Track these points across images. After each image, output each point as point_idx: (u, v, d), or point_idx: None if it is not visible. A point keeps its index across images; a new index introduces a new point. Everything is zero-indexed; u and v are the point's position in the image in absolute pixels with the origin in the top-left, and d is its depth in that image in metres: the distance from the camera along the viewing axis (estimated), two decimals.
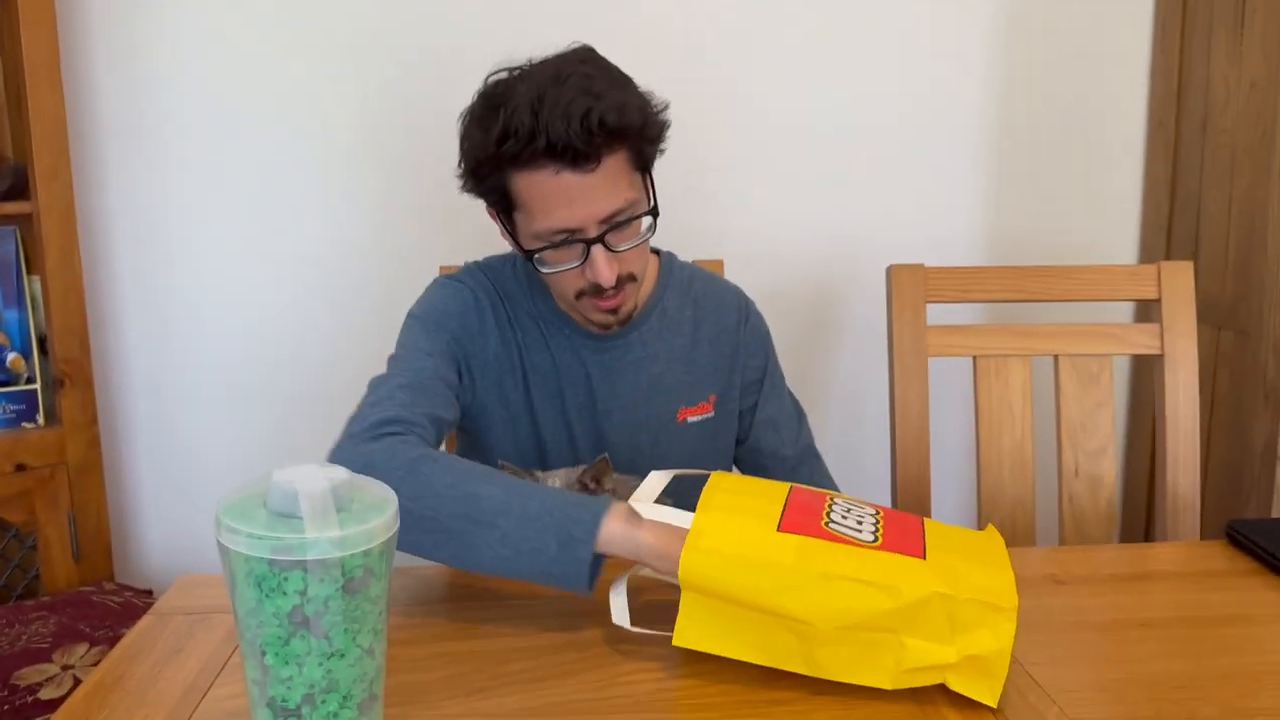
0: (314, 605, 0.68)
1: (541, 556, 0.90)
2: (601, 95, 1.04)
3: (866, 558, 0.83)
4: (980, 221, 2.01)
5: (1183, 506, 1.39)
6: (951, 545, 0.88)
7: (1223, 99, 1.79)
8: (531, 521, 0.91)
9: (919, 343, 1.40)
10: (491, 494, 0.93)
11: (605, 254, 1.09)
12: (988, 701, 0.81)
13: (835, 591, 0.81)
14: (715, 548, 0.84)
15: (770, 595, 0.82)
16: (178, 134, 1.83)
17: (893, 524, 0.90)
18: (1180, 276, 1.41)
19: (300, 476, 0.70)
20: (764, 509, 0.89)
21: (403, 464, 0.96)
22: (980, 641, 0.81)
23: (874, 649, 0.82)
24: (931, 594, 0.80)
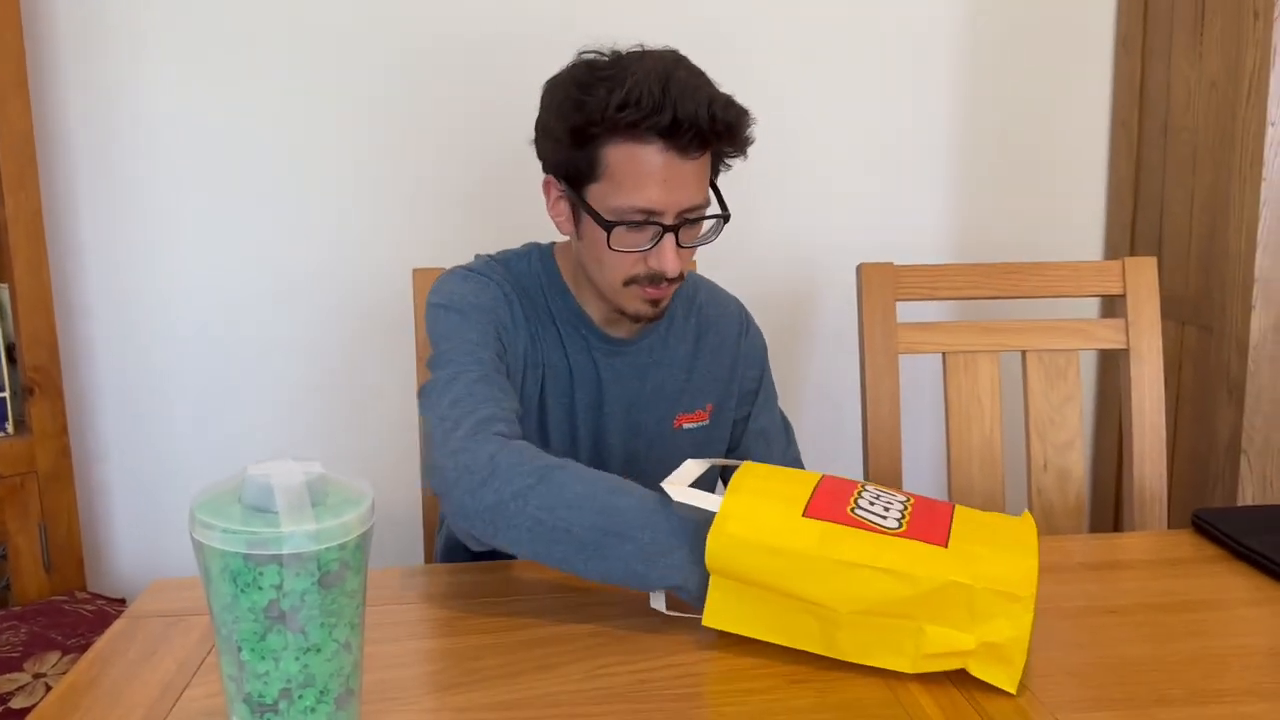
0: (290, 600, 0.68)
1: (676, 573, 0.92)
2: (718, 91, 1.08)
3: (887, 545, 0.85)
4: (948, 222, 2.03)
5: (1150, 498, 1.41)
6: (978, 533, 0.89)
7: (1184, 99, 1.82)
8: (667, 535, 0.92)
9: (889, 340, 1.41)
10: (627, 505, 0.94)
11: (674, 244, 1.10)
12: (1007, 688, 0.82)
13: (854, 578, 0.83)
14: (739, 532, 0.86)
15: (791, 580, 0.84)
16: (146, 141, 1.82)
17: (921, 511, 0.91)
18: (1144, 272, 1.43)
19: (275, 471, 0.70)
20: (793, 494, 0.90)
21: (531, 470, 0.95)
22: (998, 630, 0.82)
23: (893, 634, 0.83)
24: (949, 582, 0.82)
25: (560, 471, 0.95)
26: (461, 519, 0.96)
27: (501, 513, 0.94)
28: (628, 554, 0.91)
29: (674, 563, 0.91)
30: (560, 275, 1.22)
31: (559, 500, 0.93)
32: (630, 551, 0.91)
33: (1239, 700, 0.82)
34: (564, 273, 1.22)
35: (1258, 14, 1.60)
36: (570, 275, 1.21)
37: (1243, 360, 1.66)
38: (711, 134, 1.06)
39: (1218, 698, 0.83)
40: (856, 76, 1.96)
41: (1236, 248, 1.67)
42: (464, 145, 1.89)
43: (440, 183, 1.90)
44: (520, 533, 0.94)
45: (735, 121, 1.08)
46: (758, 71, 1.93)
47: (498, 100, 1.86)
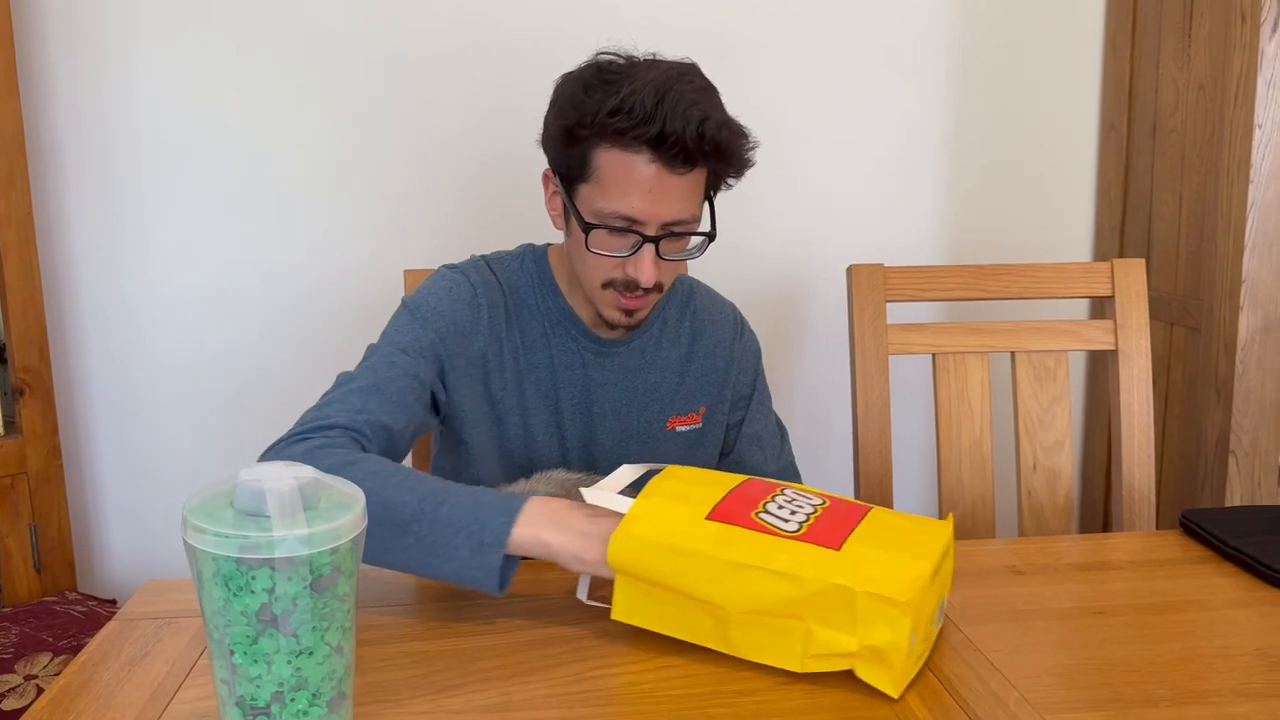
0: (282, 603, 0.68)
1: (454, 561, 0.93)
2: (717, 110, 1.08)
3: (779, 547, 0.87)
4: (939, 224, 2.04)
5: (1138, 498, 1.42)
6: (880, 536, 0.89)
7: (1172, 102, 1.83)
8: (444, 527, 0.93)
9: (879, 341, 1.42)
10: (405, 500, 0.95)
11: (653, 255, 1.10)
12: (889, 692, 0.82)
13: (745, 579, 0.85)
14: (641, 534, 0.89)
15: (686, 579, 0.87)
16: (136, 142, 1.82)
17: (830, 515, 0.92)
18: (1133, 273, 1.44)
19: (267, 475, 0.70)
20: (705, 496, 0.93)
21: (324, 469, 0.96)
22: (878, 634, 0.82)
23: (782, 634, 0.85)
24: (831, 585, 0.83)
25: (349, 469, 0.97)
26: None
27: None
28: (408, 545, 0.94)
29: (452, 551, 0.93)
30: (552, 275, 1.22)
31: None
32: (410, 543, 0.94)
33: (1225, 701, 0.83)
34: (557, 273, 1.22)
35: (1245, 17, 1.61)
36: (564, 276, 1.22)
37: (1231, 361, 1.67)
38: (698, 152, 1.05)
39: (1204, 698, 0.83)
40: (847, 79, 1.97)
41: (1224, 249, 1.68)
42: (457, 147, 1.89)
43: (433, 184, 1.90)
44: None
45: (726, 143, 1.08)
46: (749, 74, 1.93)
47: (491, 102, 1.86)
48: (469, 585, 0.94)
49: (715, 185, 1.15)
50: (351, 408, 1.07)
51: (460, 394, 1.17)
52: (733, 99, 1.13)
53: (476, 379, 1.18)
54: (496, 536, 0.92)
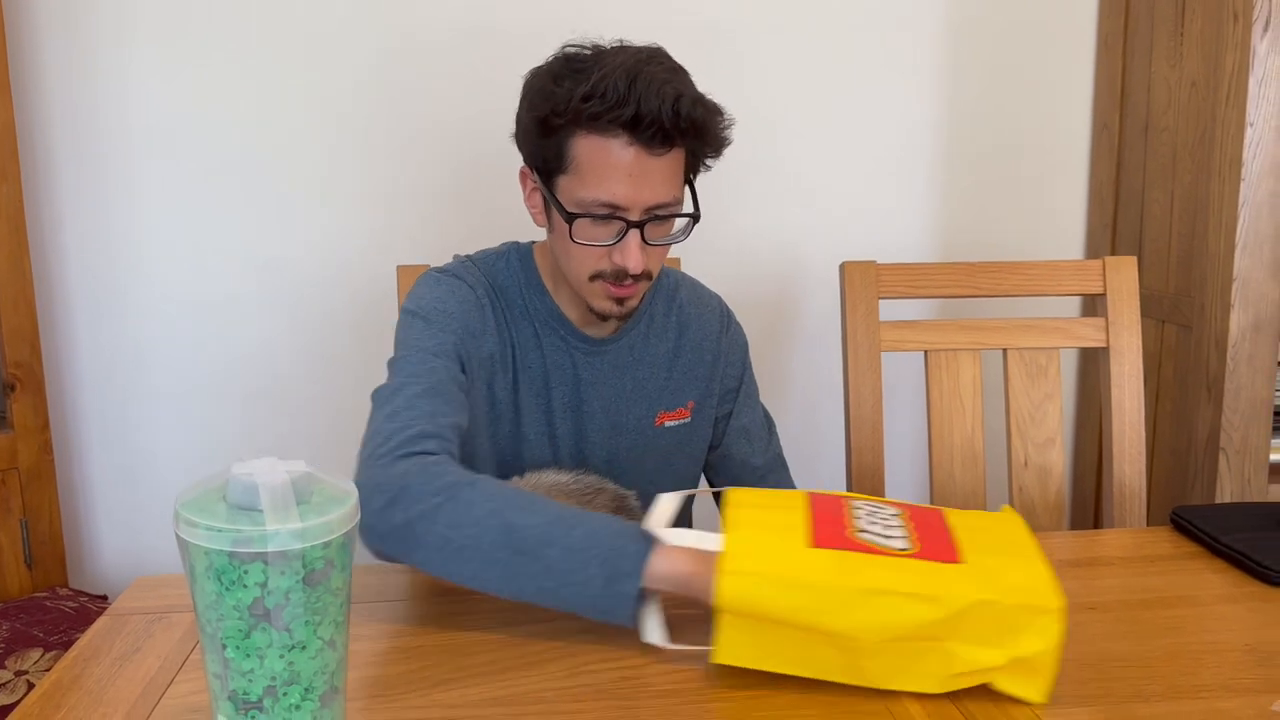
0: (275, 598, 0.68)
1: (587, 590, 0.89)
2: (689, 88, 1.07)
3: (905, 568, 0.83)
4: (932, 221, 2.04)
5: (1129, 494, 1.43)
6: (981, 541, 0.88)
7: (1164, 100, 1.84)
8: (577, 553, 0.90)
9: (871, 338, 1.42)
10: (535, 523, 0.92)
11: (639, 241, 1.09)
12: (1035, 699, 0.82)
13: (879, 606, 0.80)
14: (752, 569, 0.83)
15: (812, 614, 0.81)
16: (129, 137, 1.82)
17: (920, 525, 0.90)
18: (1124, 271, 1.44)
19: (260, 469, 0.70)
20: (789, 521, 0.88)
21: (439, 489, 0.94)
22: (1027, 643, 0.81)
23: (921, 657, 0.82)
24: (976, 601, 0.80)
25: (469, 489, 0.94)
26: (373, 538, 0.95)
27: (410, 532, 0.93)
28: (536, 572, 0.90)
29: (585, 579, 0.89)
30: (539, 275, 1.21)
31: (466, 518, 0.92)
32: (539, 570, 0.90)
33: (1215, 696, 0.83)
34: (542, 272, 1.22)
35: (1237, 16, 1.62)
36: (549, 275, 1.21)
37: (1222, 358, 1.67)
38: (675, 130, 1.05)
39: (1194, 693, 0.84)
40: (840, 76, 1.97)
41: (1216, 247, 1.68)
42: (448, 142, 1.89)
43: (427, 179, 1.89)
44: (430, 552, 0.93)
45: (702, 120, 1.07)
46: (741, 70, 1.93)
47: (481, 97, 1.86)
48: (599, 616, 0.90)
49: (694, 166, 1.14)
50: (425, 413, 1.04)
51: (471, 395, 1.16)
52: (729, 97, 1.13)
53: (484, 380, 1.18)
54: (633, 566, 0.88)
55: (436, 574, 0.94)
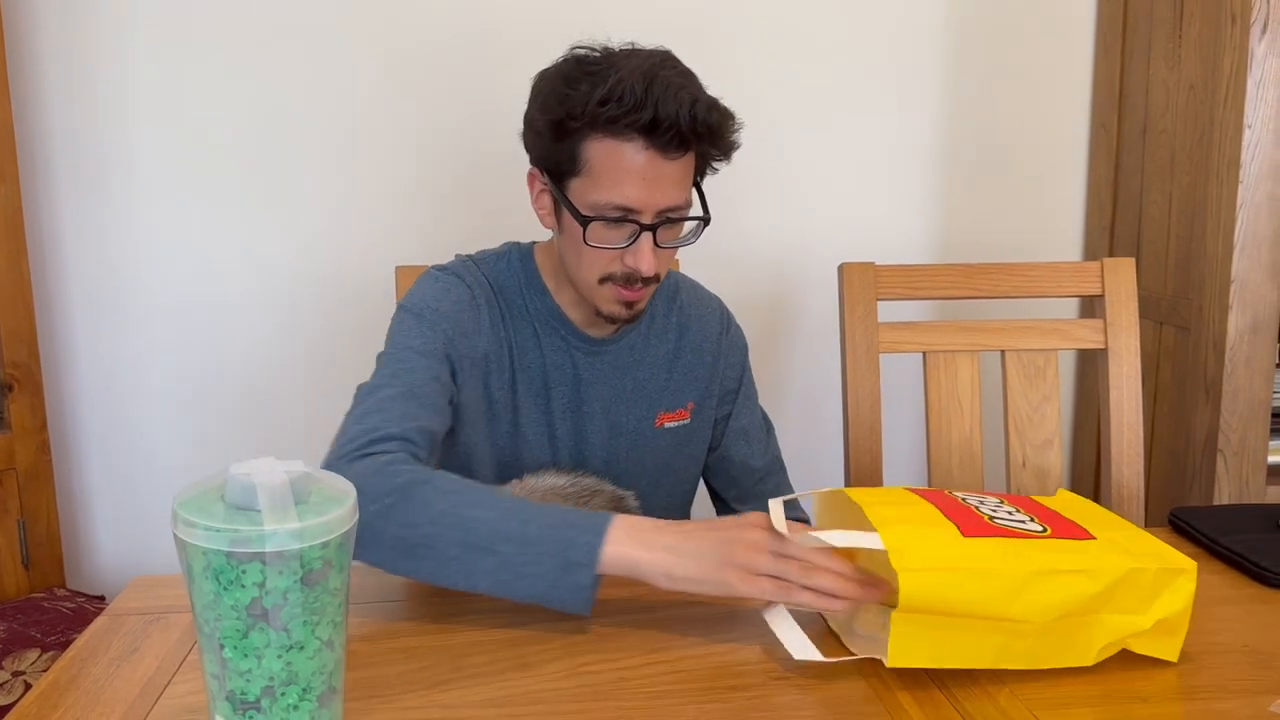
0: (272, 597, 0.68)
1: (542, 582, 0.91)
2: (703, 93, 1.08)
3: (1058, 548, 0.86)
4: (929, 224, 2.04)
5: (1127, 496, 1.43)
6: (1088, 517, 0.93)
7: (1162, 102, 1.84)
8: (530, 546, 0.91)
9: (870, 339, 1.42)
10: (488, 518, 0.93)
11: (652, 244, 1.09)
12: (1170, 657, 0.88)
13: (1048, 587, 0.83)
14: (928, 564, 0.82)
15: (988, 602, 0.82)
16: (127, 137, 1.81)
17: (1031, 509, 0.94)
18: (1123, 272, 1.44)
19: (258, 469, 0.70)
20: (928, 515, 0.89)
21: (393, 489, 0.94)
22: (1167, 604, 0.87)
23: (1079, 631, 0.85)
24: (1128, 570, 0.85)
25: (422, 487, 0.95)
26: None
27: (366, 533, 0.92)
28: (492, 567, 0.91)
29: (540, 571, 0.90)
30: (539, 275, 1.21)
31: (421, 517, 0.93)
32: (494, 565, 0.91)
33: (1213, 696, 0.83)
34: (544, 272, 1.22)
35: (1235, 18, 1.62)
36: (550, 275, 1.21)
37: (1220, 360, 1.67)
38: (692, 135, 1.05)
39: (1193, 695, 0.84)
40: (838, 77, 1.97)
41: (1214, 249, 1.69)
42: (449, 142, 1.89)
43: (425, 180, 1.89)
44: (386, 552, 0.94)
45: (718, 124, 1.08)
46: (740, 71, 1.93)
47: (483, 97, 1.86)
48: (554, 606, 0.92)
49: (703, 170, 1.14)
50: (395, 416, 1.04)
51: (464, 395, 1.16)
52: (728, 98, 1.12)
53: (478, 379, 1.17)
54: (586, 555, 0.90)
55: (393, 572, 0.96)
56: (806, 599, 0.88)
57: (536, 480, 1.15)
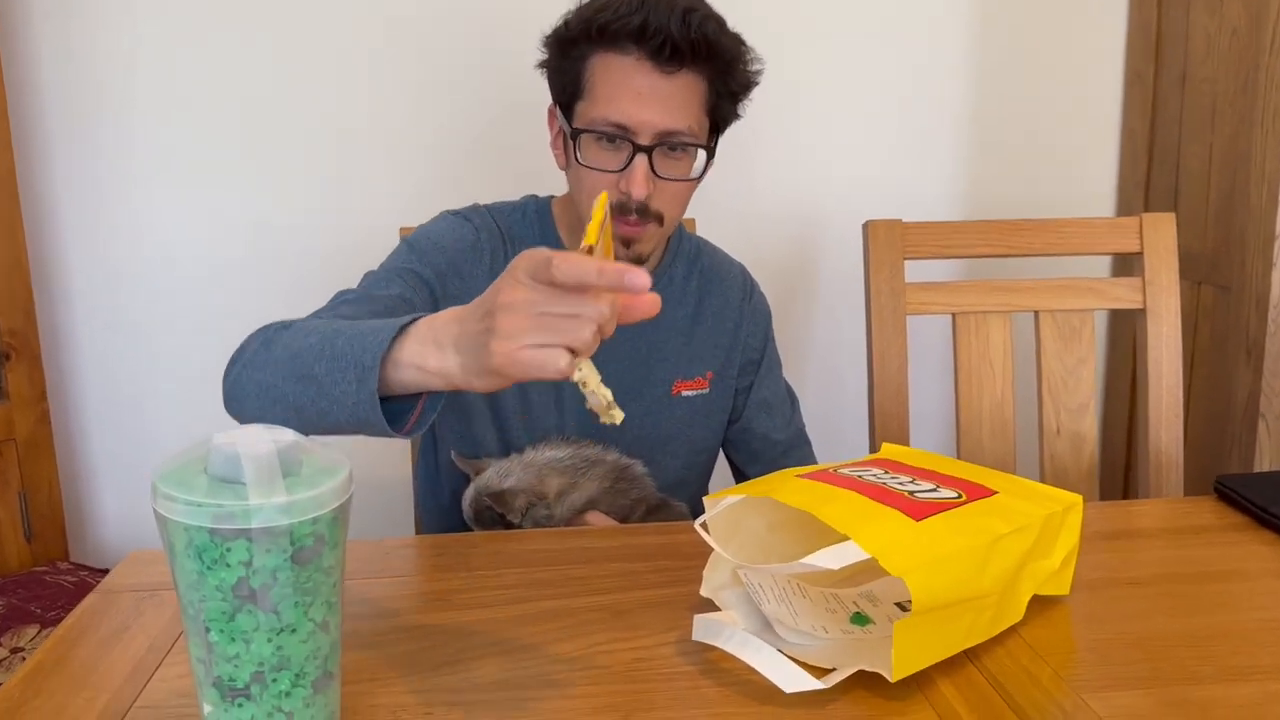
0: (260, 577, 0.63)
1: (347, 401, 0.79)
2: (705, 7, 1.06)
3: (988, 510, 0.82)
4: (956, 178, 1.97)
5: (1166, 463, 1.37)
6: (961, 471, 0.91)
7: (1203, 49, 1.75)
8: (337, 361, 0.80)
9: (897, 300, 1.36)
10: (312, 344, 0.83)
11: (646, 168, 1.05)
12: (1064, 592, 0.89)
13: (1001, 552, 0.80)
14: (916, 560, 0.73)
15: (966, 583, 0.76)
16: (125, 98, 1.76)
17: (924, 475, 0.89)
18: (1163, 228, 1.38)
19: (243, 439, 0.64)
20: (871, 508, 0.79)
21: (264, 340, 0.90)
22: (1066, 541, 0.88)
23: (1015, 589, 0.83)
24: (1046, 516, 0.84)
25: (284, 331, 0.89)
26: (225, 405, 0.93)
27: (237, 386, 0.89)
28: (313, 396, 0.81)
29: (344, 390, 0.78)
30: (555, 228, 1.17)
31: (270, 359, 0.87)
32: (314, 393, 0.81)
33: (1271, 677, 0.78)
34: (559, 226, 1.17)
35: None
36: (566, 228, 1.17)
37: (1262, 320, 1.60)
38: (687, 46, 1.02)
39: (1248, 675, 0.78)
40: (863, 28, 1.89)
41: (1257, 202, 1.61)
42: (454, 103, 1.82)
43: (430, 141, 1.83)
44: (252, 402, 0.88)
45: (716, 39, 1.04)
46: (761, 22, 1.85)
47: (490, 57, 1.80)
48: (367, 431, 0.79)
49: (718, 105, 1.09)
50: (329, 308, 1.02)
51: None
52: None
53: None
54: (374, 357, 0.77)
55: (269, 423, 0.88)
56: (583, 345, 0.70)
57: (535, 454, 1.11)
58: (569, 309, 0.69)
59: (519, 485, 1.09)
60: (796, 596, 0.84)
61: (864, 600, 0.86)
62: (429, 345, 0.76)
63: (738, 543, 0.88)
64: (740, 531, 0.88)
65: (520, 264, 0.69)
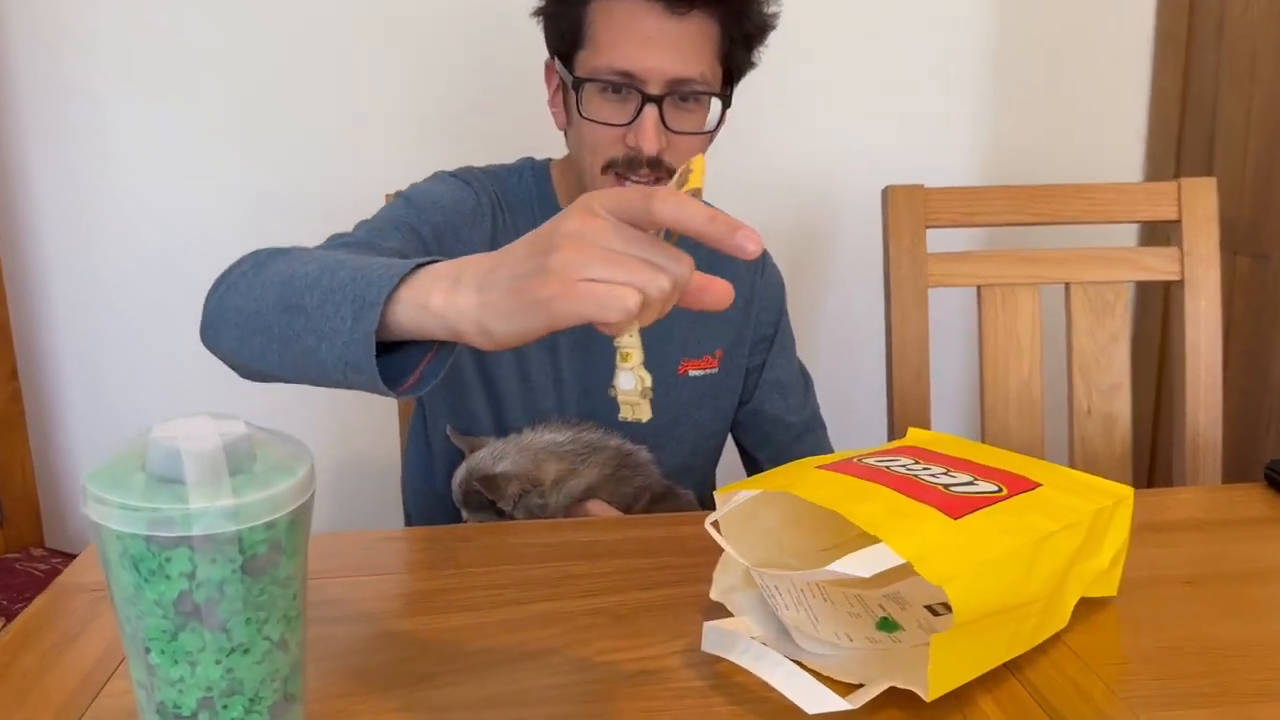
0: (205, 591, 0.54)
1: (338, 340, 0.65)
2: None
3: (1033, 505, 0.73)
4: (974, 144, 1.88)
5: (1203, 445, 1.29)
6: (1006, 462, 0.81)
7: (1241, 1, 1.65)
8: (334, 293, 0.66)
9: (918, 272, 1.27)
10: (308, 273, 0.70)
11: (656, 119, 0.97)
12: (1111, 593, 0.81)
13: (1049, 552, 0.70)
14: (959, 566, 0.64)
15: (1013, 590, 0.67)
16: (96, 50, 1.66)
17: (959, 466, 0.79)
18: (1203, 194, 1.29)
19: (185, 432, 0.56)
20: (905, 505, 0.70)
21: (250, 264, 0.78)
22: (1115, 537, 0.79)
23: (1062, 593, 0.75)
24: (1096, 512, 0.75)
25: (281, 256, 0.77)
26: (201, 333, 0.82)
27: (218, 311, 0.78)
28: (299, 330, 0.68)
29: (336, 326, 0.65)
30: (554, 194, 1.09)
31: (259, 282, 0.75)
32: (300, 327, 0.68)
33: None
34: (559, 191, 1.09)
35: None
36: (566, 194, 1.09)
37: None
38: None
39: None
40: None
41: None
42: (445, 66, 1.73)
43: (420, 104, 1.74)
44: (230, 331, 0.76)
45: None
46: None
47: (482, 19, 1.70)
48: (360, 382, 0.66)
49: (731, 51, 1.01)
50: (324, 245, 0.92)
51: None
52: None
53: None
54: (379, 293, 0.63)
55: (241, 360, 0.77)
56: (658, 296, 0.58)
57: (534, 436, 1.02)
58: (651, 255, 0.57)
59: (513, 470, 1.00)
60: (816, 600, 0.76)
61: (890, 603, 0.77)
62: (441, 281, 0.62)
63: (750, 540, 0.79)
64: (753, 528, 0.80)
65: (598, 197, 0.58)
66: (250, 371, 0.77)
